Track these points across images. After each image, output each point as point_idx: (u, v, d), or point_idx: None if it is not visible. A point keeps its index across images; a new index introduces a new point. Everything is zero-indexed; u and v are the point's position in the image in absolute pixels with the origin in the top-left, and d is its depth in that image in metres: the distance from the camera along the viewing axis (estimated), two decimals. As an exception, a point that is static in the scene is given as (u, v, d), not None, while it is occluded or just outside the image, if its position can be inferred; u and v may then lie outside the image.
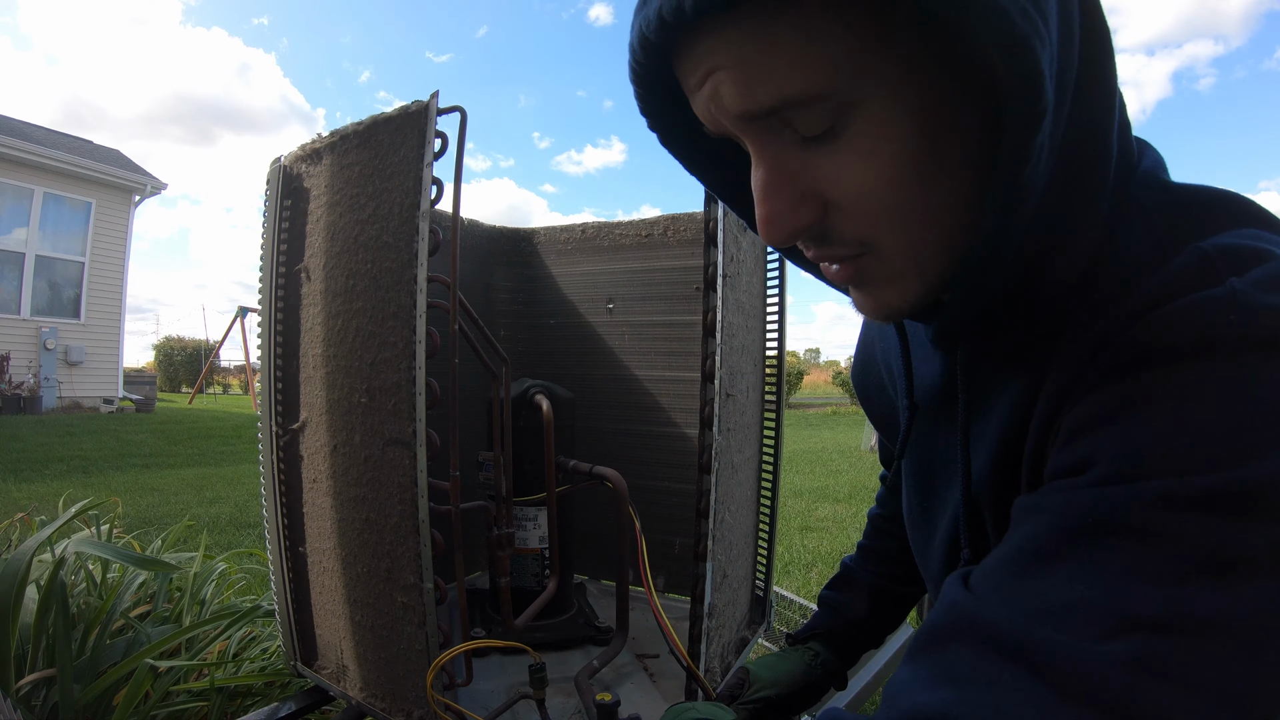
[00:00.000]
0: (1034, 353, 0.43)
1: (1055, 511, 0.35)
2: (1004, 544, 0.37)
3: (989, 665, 0.32)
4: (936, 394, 0.55)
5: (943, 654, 0.35)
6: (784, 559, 3.16)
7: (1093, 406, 0.36)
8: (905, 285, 0.41)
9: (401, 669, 0.85)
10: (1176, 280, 0.36)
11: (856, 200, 0.37)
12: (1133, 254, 0.40)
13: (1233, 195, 0.40)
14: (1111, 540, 0.32)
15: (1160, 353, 0.34)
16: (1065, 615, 0.31)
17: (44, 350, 9.15)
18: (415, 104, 0.81)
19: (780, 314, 1.24)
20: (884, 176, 0.36)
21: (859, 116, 0.35)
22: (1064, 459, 0.37)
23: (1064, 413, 0.39)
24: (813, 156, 0.37)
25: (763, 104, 0.35)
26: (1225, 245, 0.36)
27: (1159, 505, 0.31)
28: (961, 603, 0.36)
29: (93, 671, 1.22)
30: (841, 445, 8.59)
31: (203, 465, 5.72)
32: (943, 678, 0.34)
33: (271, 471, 1.01)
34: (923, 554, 0.60)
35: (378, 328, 0.84)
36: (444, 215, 0.89)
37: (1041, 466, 0.40)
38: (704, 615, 0.92)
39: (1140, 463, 0.33)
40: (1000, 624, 0.33)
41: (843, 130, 0.36)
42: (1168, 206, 0.41)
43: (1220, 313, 0.33)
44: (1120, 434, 0.34)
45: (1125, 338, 0.36)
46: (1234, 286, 0.34)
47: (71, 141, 10.53)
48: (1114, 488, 0.33)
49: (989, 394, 0.47)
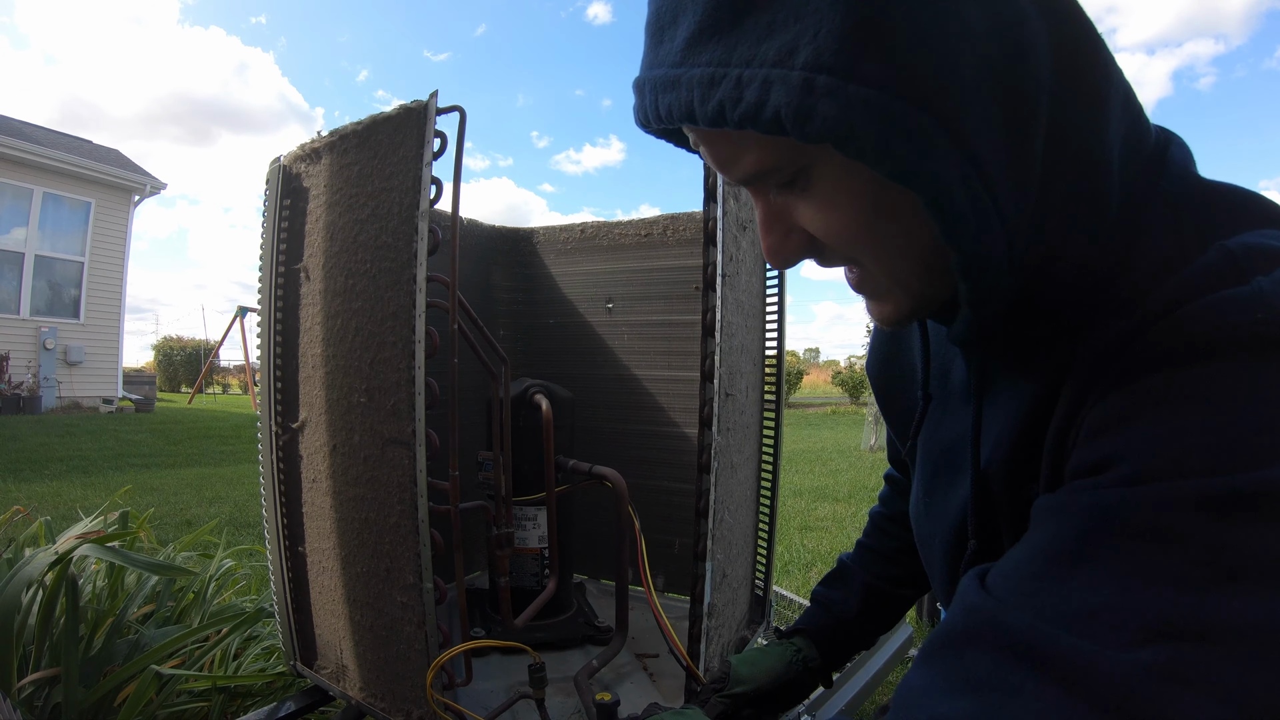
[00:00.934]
0: (1054, 349, 0.43)
1: (1078, 513, 0.34)
2: (1024, 544, 0.37)
3: (1011, 673, 0.31)
4: (953, 388, 0.55)
5: (961, 660, 0.34)
6: (783, 558, 3.16)
7: (1116, 404, 0.36)
8: (895, 300, 0.45)
9: (401, 669, 0.85)
10: (1201, 278, 0.36)
11: (830, 237, 0.42)
12: (1158, 250, 0.40)
13: (1257, 195, 0.40)
14: (1136, 544, 0.31)
15: (1185, 350, 0.34)
16: (1089, 621, 0.31)
17: (43, 350, 9.14)
18: (414, 104, 0.81)
19: (780, 313, 1.24)
20: (847, 219, 0.40)
21: (816, 175, 0.40)
22: (1086, 456, 0.37)
23: (1087, 409, 0.38)
24: (793, 201, 0.42)
25: (736, 178, 0.43)
26: (1251, 244, 0.36)
27: (1184, 508, 0.31)
28: (981, 606, 0.35)
29: (97, 672, 1.22)
30: (841, 445, 8.59)
31: (202, 465, 5.71)
32: (962, 685, 0.33)
33: (271, 471, 1.01)
34: (927, 545, 0.60)
35: (377, 327, 0.84)
36: (443, 215, 0.89)
37: (1063, 463, 0.40)
38: (703, 615, 0.92)
39: (1165, 463, 0.32)
40: (1022, 630, 0.32)
41: (808, 184, 0.41)
42: (1195, 203, 0.41)
43: (1246, 311, 0.33)
44: (1144, 433, 0.34)
45: (1150, 335, 0.36)
46: (1260, 285, 0.33)
47: (71, 141, 10.53)
48: (1138, 489, 0.32)
49: (1005, 390, 0.47)
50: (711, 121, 0.37)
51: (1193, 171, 0.43)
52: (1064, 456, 0.40)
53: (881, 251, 0.42)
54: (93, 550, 1.29)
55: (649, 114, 0.41)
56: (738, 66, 0.35)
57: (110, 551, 1.33)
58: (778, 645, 0.80)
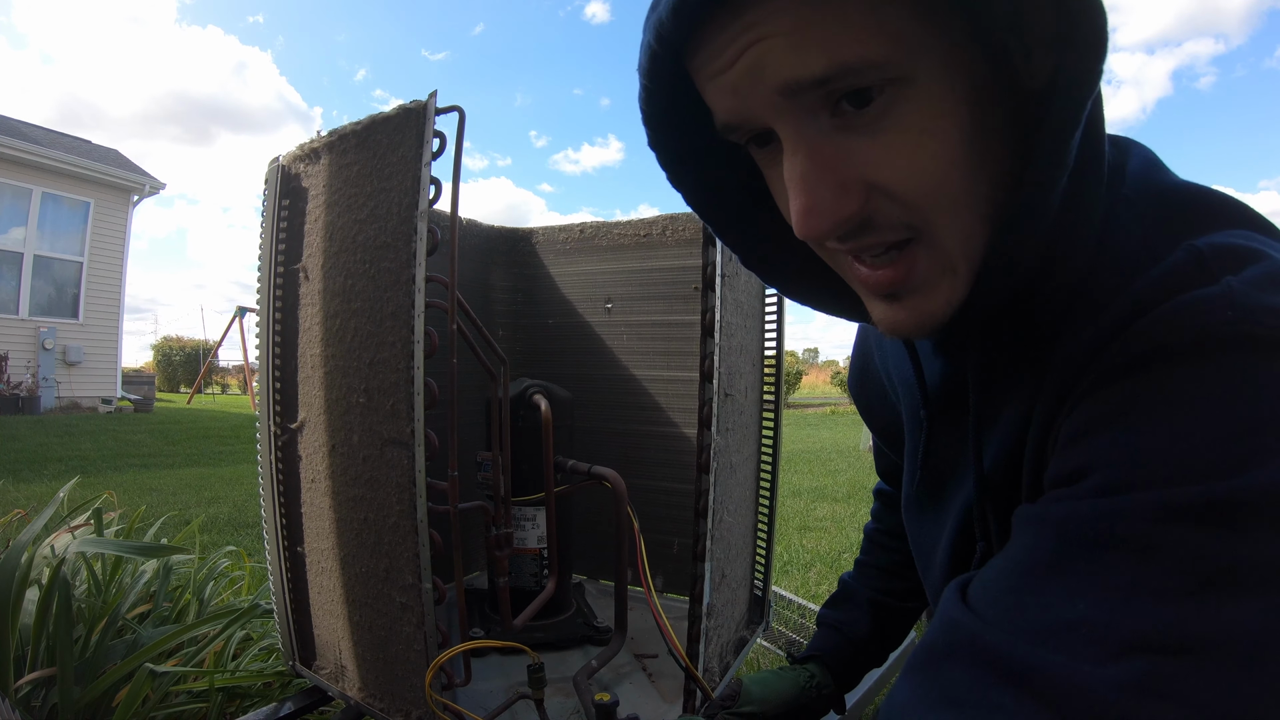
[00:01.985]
0: (1036, 356, 0.42)
1: (1054, 523, 0.34)
2: (1002, 555, 0.37)
3: (990, 690, 0.31)
4: (942, 398, 0.54)
5: (941, 675, 0.34)
6: (783, 559, 3.16)
7: (1090, 411, 0.35)
8: (954, 281, 0.40)
9: (400, 669, 0.85)
10: (1170, 279, 0.35)
11: (909, 182, 0.36)
12: (1126, 253, 0.39)
13: (1225, 196, 0.40)
14: (1111, 555, 0.31)
15: (1156, 354, 0.33)
16: (1066, 635, 0.30)
17: (42, 350, 9.13)
18: (414, 104, 0.81)
19: (779, 314, 1.24)
20: (940, 156, 0.35)
21: (911, 95, 0.34)
22: (1062, 466, 0.36)
23: (1062, 417, 0.38)
24: (854, 141, 0.35)
25: (814, 71, 0.33)
26: (1218, 244, 0.35)
27: (1159, 517, 0.30)
28: (960, 621, 0.35)
29: (93, 671, 1.22)
30: (840, 445, 8.59)
31: (201, 465, 5.71)
32: (943, 702, 0.33)
33: (270, 471, 1.01)
34: (925, 560, 0.60)
35: (376, 327, 0.84)
36: (442, 215, 0.89)
37: (1042, 471, 0.39)
38: (703, 615, 0.92)
39: (1139, 472, 0.32)
40: (1000, 645, 0.32)
41: (891, 109, 0.34)
42: (1159, 204, 0.40)
43: (1217, 312, 0.32)
44: (1118, 440, 0.33)
45: (1121, 339, 0.35)
46: (1230, 285, 0.33)
47: (70, 141, 10.52)
48: (1112, 498, 0.32)
49: (995, 398, 0.46)
50: None
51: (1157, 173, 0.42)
52: (1043, 465, 0.40)
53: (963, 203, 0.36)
54: (80, 544, 1.28)
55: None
56: None
57: (97, 541, 1.32)
58: (790, 670, 0.79)
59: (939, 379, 0.54)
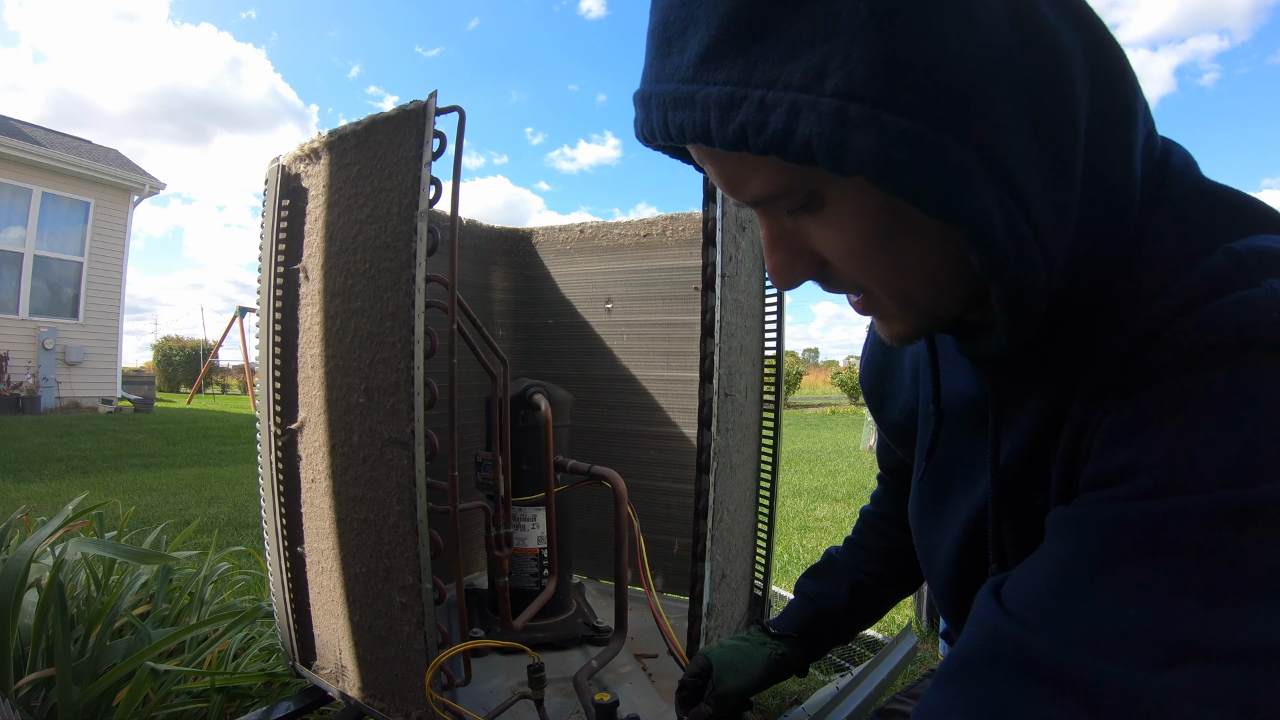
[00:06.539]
0: (1062, 359, 0.42)
1: (1100, 526, 0.33)
2: (1039, 558, 0.36)
3: (1035, 700, 0.30)
4: (963, 401, 0.54)
5: (983, 685, 0.33)
6: (783, 559, 3.16)
7: (1132, 411, 0.35)
8: (905, 320, 0.44)
9: (400, 669, 0.85)
10: (1210, 281, 0.35)
11: (843, 260, 0.41)
12: (1164, 255, 0.39)
13: (1257, 200, 0.40)
14: (1162, 560, 0.30)
15: (1202, 354, 0.33)
16: (1116, 643, 0.30)
17: (42, 350, 9.13)
18: (413, 104, 0.81)
19: (779, 314, 1.24)
20: (861, 241, 0.39)
21: (828, 197, 0.38)
22: (1102, 466, 0.35)
23: (1100, 417, 0.37)
24: (803, 223, 0.41)
25: (744, 199, 0.40)
26: (1258, 247, 0.35)
27: (1212, 521, 0.30)
28: (1001, 627, 0.34)
29: (92, 672, 1.22)
30: (840, 445, 8.59)
31: (201, 465, 5.71)
32: (986, 713, 0.32)
33: (270, 471, 1.01)
34: (929, 557, 0.60)
35: (376, 328, 0.84)
36: (442, 215, 0.89)
37: (1076, 472, 0.39)
38: (703, 615, 0.92)
39: (1190, 474, 0.31)
40: (1046, 654, 0.31)
41: (819, 206, 0.39)
42: (1198, 205, 0.40)
43: (1262, 312, 0.32)
44: (1166, 441, 0.33)
45: (1163, 339, 0.35)
46: (1274, 287, 0.33)
47: (70, 141, 10.52)
48: (1163, 501, 0.31)
49: (1016, 403, 0.46)
50: (732, 145, 0.34)
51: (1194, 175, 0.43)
52: (1077, 466, 0.39)
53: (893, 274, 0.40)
54: (79, 545, 1.28)
55: (656, 130, 0.38)
56: (760, 88, 0.33)
57: (95, 543, 1.32)
58: (760, 647, 0.79)
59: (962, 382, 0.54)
